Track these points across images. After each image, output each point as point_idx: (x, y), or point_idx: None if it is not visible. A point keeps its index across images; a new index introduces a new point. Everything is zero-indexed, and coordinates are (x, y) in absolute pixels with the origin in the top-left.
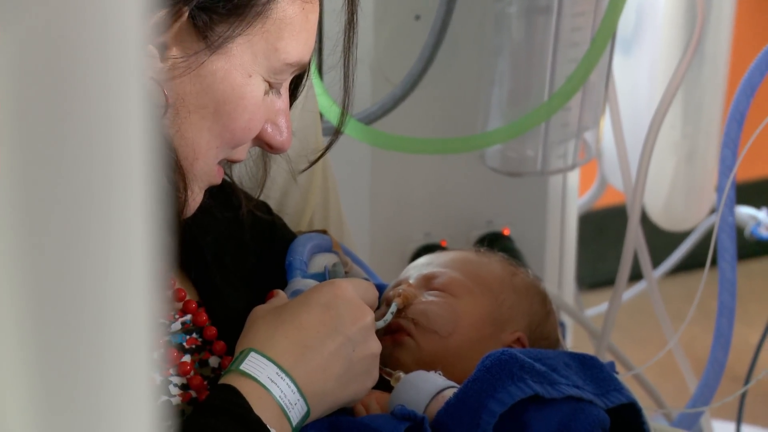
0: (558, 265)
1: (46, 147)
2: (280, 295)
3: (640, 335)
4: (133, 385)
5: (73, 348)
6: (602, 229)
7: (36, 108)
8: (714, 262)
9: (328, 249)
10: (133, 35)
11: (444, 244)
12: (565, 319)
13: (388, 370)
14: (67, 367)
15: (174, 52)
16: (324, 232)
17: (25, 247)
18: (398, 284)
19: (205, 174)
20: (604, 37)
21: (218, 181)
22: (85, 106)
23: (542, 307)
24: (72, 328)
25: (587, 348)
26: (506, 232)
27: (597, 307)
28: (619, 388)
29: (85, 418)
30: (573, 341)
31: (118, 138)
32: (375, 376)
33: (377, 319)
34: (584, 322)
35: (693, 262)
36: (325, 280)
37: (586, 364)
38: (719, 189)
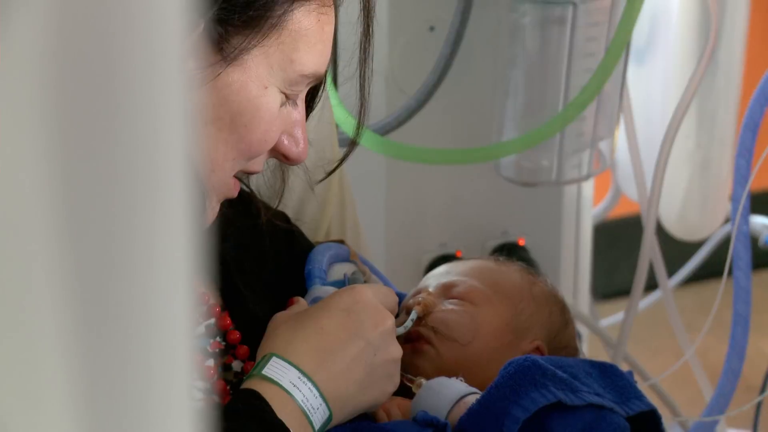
0: (573, 275)
1: (87, 150)
2: (301, 302)
3: (654, 345)
4: (175, 392)
5: (116, 355)
6: (615, 239)
7: (76, 114)
8: (729, 272)
9: (346, 258)
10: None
11: (459, 254)
12: (581, 329)
13: (409, 376)
14: (109, 374)
15: (189, 64)
16: (341, 242)
17: (67, 248)
18: (418, 293)
19: (222, 185)
20: (619, 46)
21: (234, 194)
22: (123, 110)
23: (561, 316)
24: (114, 335)
25: (603, 358)
26: (521, 243)
27: (611, 317)
28: (638, 395)
29: (127, 423)
30: (588, 352)
31: (159, 142)
32: (396, 380)
33: (397, 326)
34: (600, 332)
35: (706, 272)
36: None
37: (606, 372)
38: (734, 198)
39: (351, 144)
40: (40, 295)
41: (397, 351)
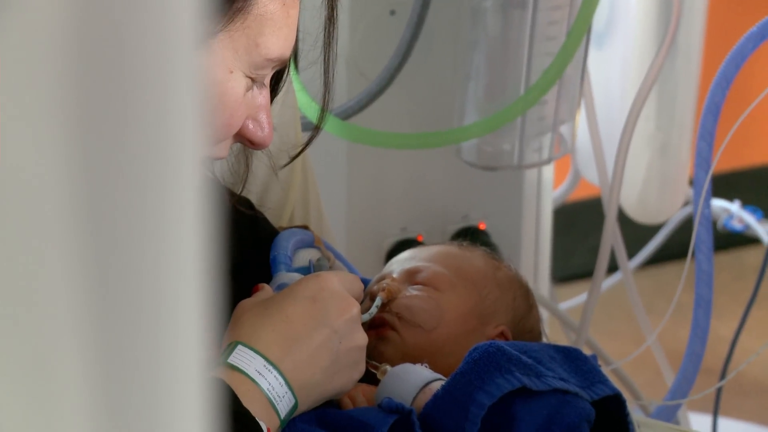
0: (533, 259)
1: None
2: (266, 289)
3: (612, 328)
4: (187, 383)
5: (131, 345)
6: (572, 222)
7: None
8: (689, 254)
9: (311, 244)
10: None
11: (420, 238)
12: (541, 312)
13: (374, 363)
14: (124, 363)
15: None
16: (306, 227)
17: (83, 244)
18: (382, 278)
19: None
20: (580, 30)
21: None
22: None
23: (525, 301)
24: (128, 324)
25: (563, 342)
26: (482, 227)
27: (570, 300)
28: (603, 380)
29: (141, 415)
30: (549, 335)
31: (173, 132)
32: (362, 368)
33: (361, 313)
34: (561, 316)
35: (664, 255)
36: (310, 273)
37: (571, 357)
38: (696, 182)
39: (315, 129)
40: (55, 291)
41: (362, 338)
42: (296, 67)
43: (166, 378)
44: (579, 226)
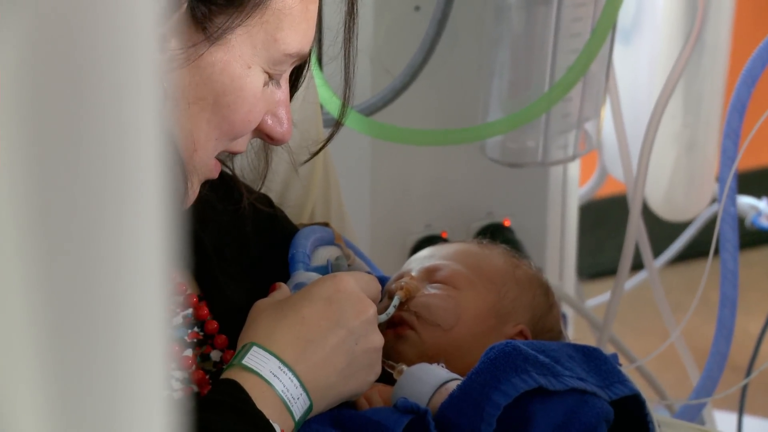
0: (559, 256)
1: (56, 141)
2: (283, 288)
3: (640, 326)
4: (147, 382)
5: (85, 344)
6: (601, 219)
7: (45, 102)
8: (716, 252)
9: (331, 242)
10: (147, 27)
11: (444, 235)
12: (567, 310)
13: (390, 363)
14: (80, 363)
15: (173, 43)
16: (326, 224)
17: (36, 243)
18: (400, 277)
19: (203, 166)
20: (605, 27)
21: (215, 175)
22: (96, 99)
23: (545, 299)
24: (84, 324)
25: (588, 339)
26: (507, 223)
27: (597, 297)
28: (622, 380)
29: (98, 415)
30: (574, 333)
31: (130, 131)
32: (378, 369)
33: (380, 312)
34: (586, 314)
35: (693, 253)
36: (327, 273)
37: (590, 356)
38: (721, 179)
39: (336, 124)
40: (10, 286)
41: (378, 340)
42: (319, 62)
43: (125, 388)
44: (608, 222)
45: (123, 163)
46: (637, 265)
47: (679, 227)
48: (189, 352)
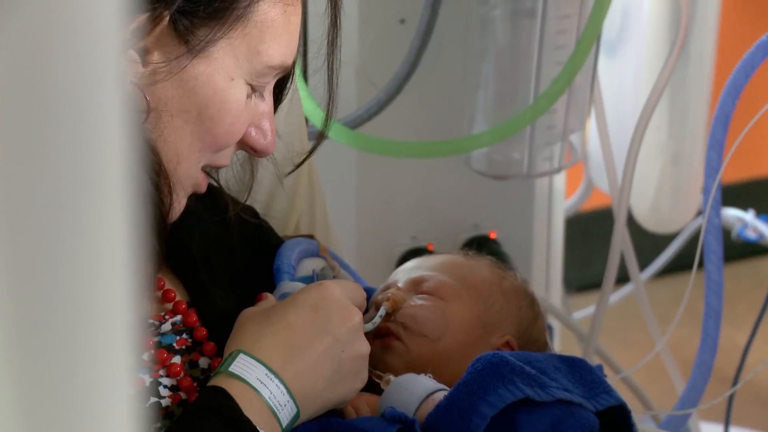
0: (545, 268)
1: (24, 150)
2: (269, 298)
3: (627, 338)
4: (113, 387)
5: (52, 348)
6: (588, 231)
7: (13, 111)
8: (701, 264)
9: (316, 254)
10: (111, 40)
11: (431, 247)
12: (553, 322)
13: (378, 372)
14: (46, 367)
15: (155, 56)
16: (311, 236)
17: (4, 248)
18: (387, 288)
19: (188, 178)
20: (589, 39)
21: (203, 189)
22: (62, 110)
23: (531, 310)
24: (50, 329)
25: (575, 351)
26: (493, 236)
27: (584, 309)
28: (607, 390)
29: (64, 417)
30: (561, 344)
31: (96, 141)
32: (364, 377)
33: (366, 322)
34: (572, 325)
35: (679, 264)
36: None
37: (575, 367)
38: (705, 191)
39: (319, 136)
40: None
41: (364, 347)
42: (304, 74)
43: (92, 378)
44: (596, 234)
45: (87, 168)
46: (624, 278)
47: (666, 239)
48: (177, 359)
